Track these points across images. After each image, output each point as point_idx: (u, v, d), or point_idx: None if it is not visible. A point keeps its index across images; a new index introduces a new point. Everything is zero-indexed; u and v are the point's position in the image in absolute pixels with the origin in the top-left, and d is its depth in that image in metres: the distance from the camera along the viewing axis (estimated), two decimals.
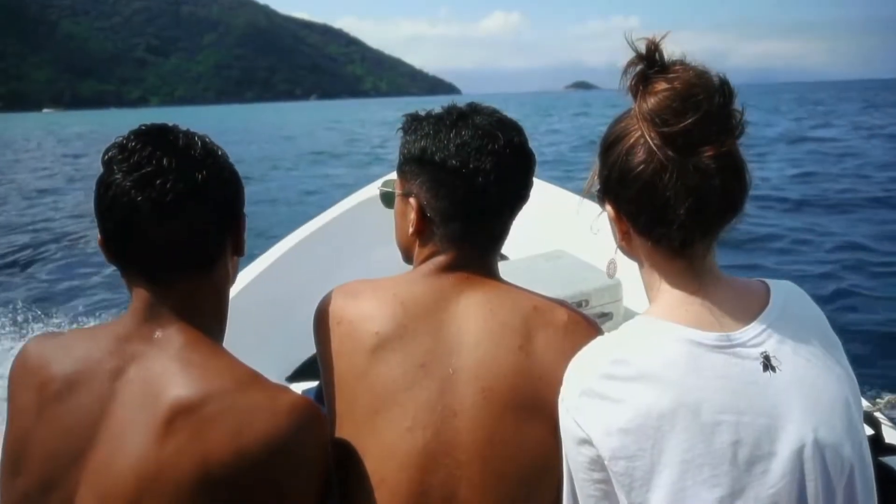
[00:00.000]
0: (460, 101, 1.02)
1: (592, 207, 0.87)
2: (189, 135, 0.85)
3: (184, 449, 0.73)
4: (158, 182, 0.78)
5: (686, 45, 0.74)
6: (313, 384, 1.70)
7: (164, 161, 0.79)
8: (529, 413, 0.85)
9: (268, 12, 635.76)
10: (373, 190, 3.20)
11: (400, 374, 0.87)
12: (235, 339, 0.92)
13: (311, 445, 0.80)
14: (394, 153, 1.04)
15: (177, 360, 0.79)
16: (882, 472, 0.93)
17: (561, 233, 2.50)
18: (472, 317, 0.90)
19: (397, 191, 1.03)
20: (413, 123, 0.99)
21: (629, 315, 2.26)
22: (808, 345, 0.74)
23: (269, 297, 2.12)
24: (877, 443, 1.13)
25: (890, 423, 1.31)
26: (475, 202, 0.93)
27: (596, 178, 0.83)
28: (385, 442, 0.85)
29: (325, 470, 0.82)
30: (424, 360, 0.87)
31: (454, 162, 0.92)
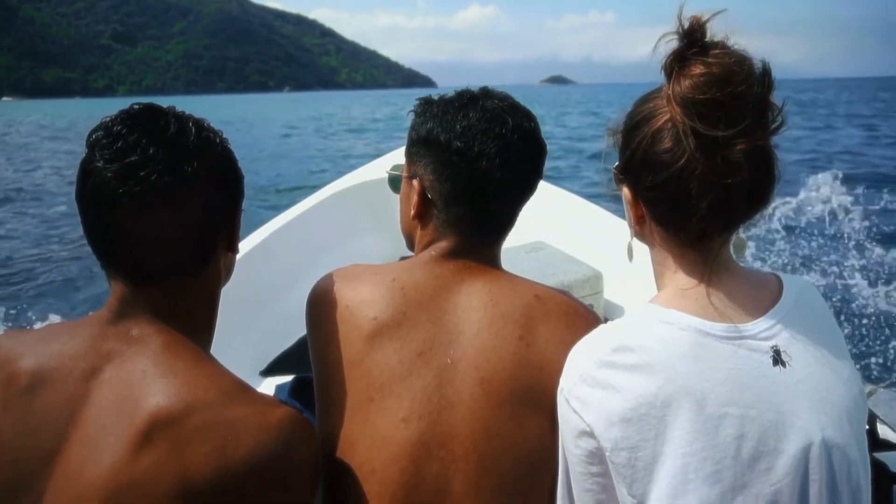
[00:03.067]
0: (436, 94, 0.99)
1: (578, 203, 0.83)
2: (183, 119, 0.78)
3: (162, 463, 0.67)
4: (143, 174, 0.71)
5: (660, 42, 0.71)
6: (288, 379, 1.64)
7: (151, 150, 0.72)
8: (528, 405, 0.83)
9: (240, 1, 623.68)
10: (347, 181, 3.14)
11: (396, 362, 0.84)
12: None
13: (300, 462, 0.74)
14: None
15: (157, 364, 0.73)
16: (875, 468, 0.92)
17: (541, 224, 2.48)
18: (473, 306, 0.88)
19: (404, 174, 1.00)
20: (424, 106, 0.97)
21: (609, 307, 2.25)
22: (819, 342, 0.72)
23: (242, 289, 2.04)
24: (871, 437, 1.12)
25: (882, 418, 1.31)
26: (478, 186, 0.90)
27: (611, 147, 0.79)
28: (377, 432, 0.82)
29: (314, 484, 0.78)
30: (422, 348, 0.85)
31: (458, 144, 0.90)
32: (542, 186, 1.01)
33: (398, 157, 2.81)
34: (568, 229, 2.57)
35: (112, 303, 0.78)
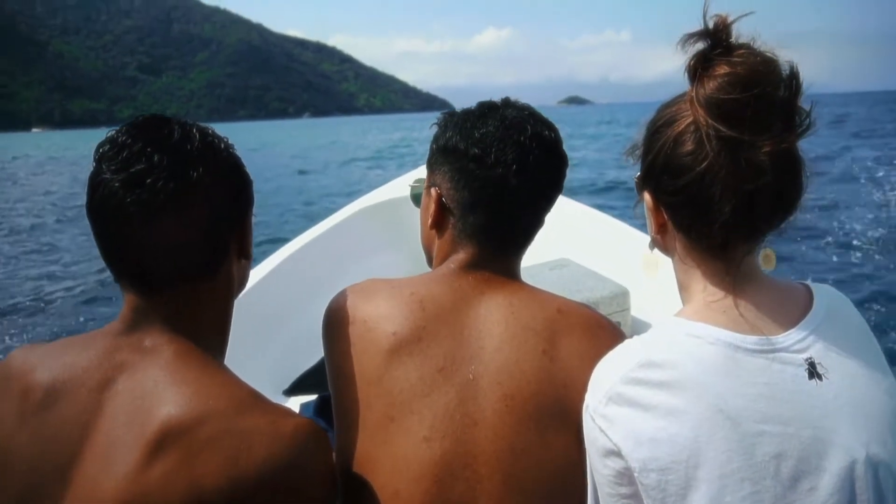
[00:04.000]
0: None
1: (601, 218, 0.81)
2: (187, 127, 0.78)
3: (173, 473, 0.67)
4: (149, 181, 0.71)
5: (677, 59, 0.69)
6: (312, 398, 1.62)
7: (156, 158, 0.72)
8: (554, 421, 0.80)
9: (261, 30, 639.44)
10: (368, 200, 3.15)
11: (417, 378, 0.81)
12: (230, 351, 0.86)
13: (314, 473, 0.72)
14: None
15: (168, 374, 0.73)
16: None
17: (565, 241, 2.45)
18: (494, 320, 0.86)
19: (425, 185, 1.00)
20: (446, 118, 0.97)
21: (637, 324, 2.20)
22: (855, 353, 0.69)
23: (265, 308, 2.05)
24: None
25: None
26: (494, 193, 0.89)
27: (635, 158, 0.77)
28: (399, 452, 0.79)
29: (330, 495, 0.76)
30: (443, 364, 0.82)
31: (476, 150, 0.89)
32: (565, 202, 0.99)
33: (421, 173, 2.82)
34: (592, 246, 2.54)
35: (125, 314, 0.78)
